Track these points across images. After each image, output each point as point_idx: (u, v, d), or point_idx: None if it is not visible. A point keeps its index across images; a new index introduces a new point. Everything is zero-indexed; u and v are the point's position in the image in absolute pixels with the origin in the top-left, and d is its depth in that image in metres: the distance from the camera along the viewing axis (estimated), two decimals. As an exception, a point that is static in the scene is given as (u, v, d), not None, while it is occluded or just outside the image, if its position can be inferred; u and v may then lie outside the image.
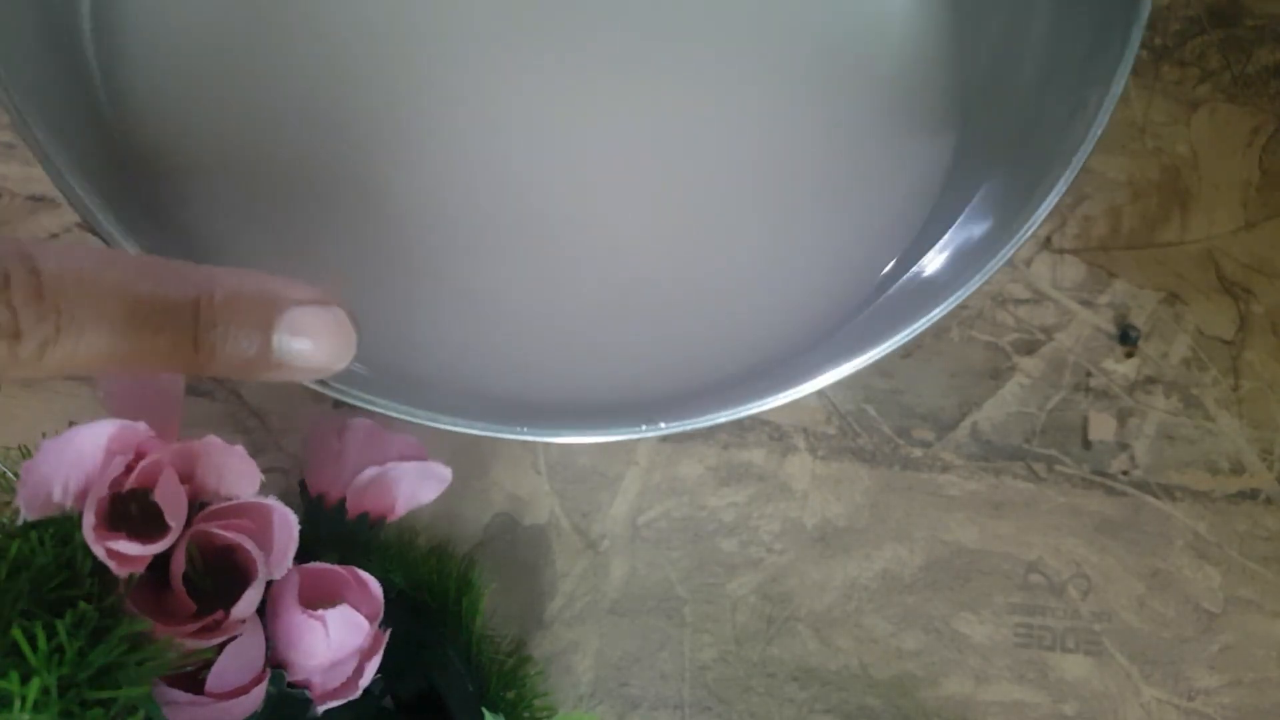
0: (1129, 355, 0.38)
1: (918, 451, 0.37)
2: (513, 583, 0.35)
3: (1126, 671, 0.36)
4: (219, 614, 0.24)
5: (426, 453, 0.30)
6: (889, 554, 0.36)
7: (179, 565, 0.25)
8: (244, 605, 0.24)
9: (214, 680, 0.24)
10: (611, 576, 0.36)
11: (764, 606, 0.36)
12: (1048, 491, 0.37)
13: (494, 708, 0.30)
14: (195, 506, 0.25)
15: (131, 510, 0.25)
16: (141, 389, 0.27)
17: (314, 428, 0.31)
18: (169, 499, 0.24)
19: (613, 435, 0.28)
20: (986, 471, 0.37)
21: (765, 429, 0.37)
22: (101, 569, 0.23)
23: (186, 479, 0.25)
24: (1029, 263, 0.38)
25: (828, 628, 0.36)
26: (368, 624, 0.26)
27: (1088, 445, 0.37)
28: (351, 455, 0.30)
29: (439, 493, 0.30)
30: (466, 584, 0.32)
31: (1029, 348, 0.37)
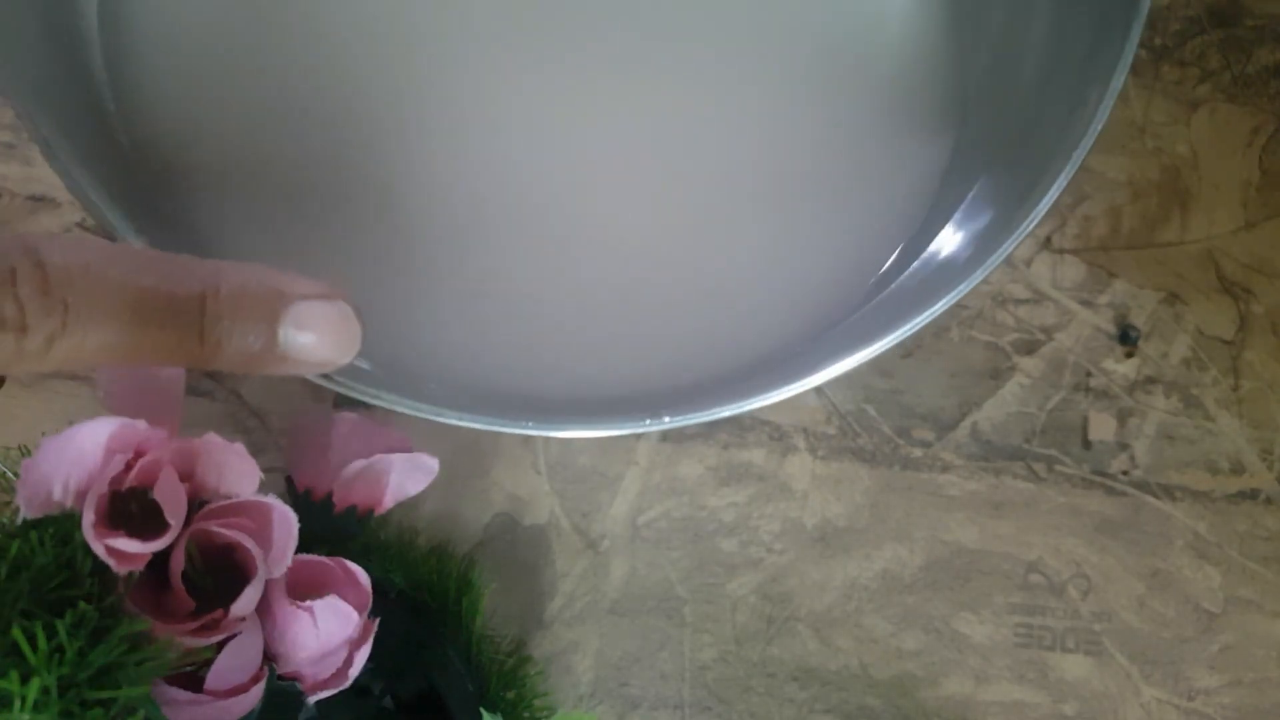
0: (1129, 355, 0.38)
1: (918, 451, 0.37)
2: (513, 583, 0.35)
3: (1126, 671, 0.36)
4: (218, 612, 0.24)
5: (412, 445, 0.30)
6: (889, 554, 0.36)
7: (178, 563, 0.25)
8: (243, 603, 0.24)
9: (213, 679, 0.24)
10: (611, 576, 0.36)
11: (764, 606, 0.36)
12: (1048, 491, 0.37)
13: (494, 708, 0.30)
14: (195, 505, 0.25)
15: (131, 509, 0.25)
16: (141, 387, 0.27)
17: (299, 422, 0.31)
18: (169, 497, 0.24)
19: (616, 429, 0.28)
20: (986, 471, 0.37)
21: (765, 429, 0.37)
22: (101, 568, 0.23)
23: (186, 477, 0.25)
24: (1029, 263, 0.38)
25: (828, 628, 0.36)
26: (356, 614, 0.26)
27: (1088, 445, 0.37)
28: (338, 448, 0.30)
29: (426, 484, 0.30)
30: (466, 584, 0.32)
31: (1029, 348, 0.37)
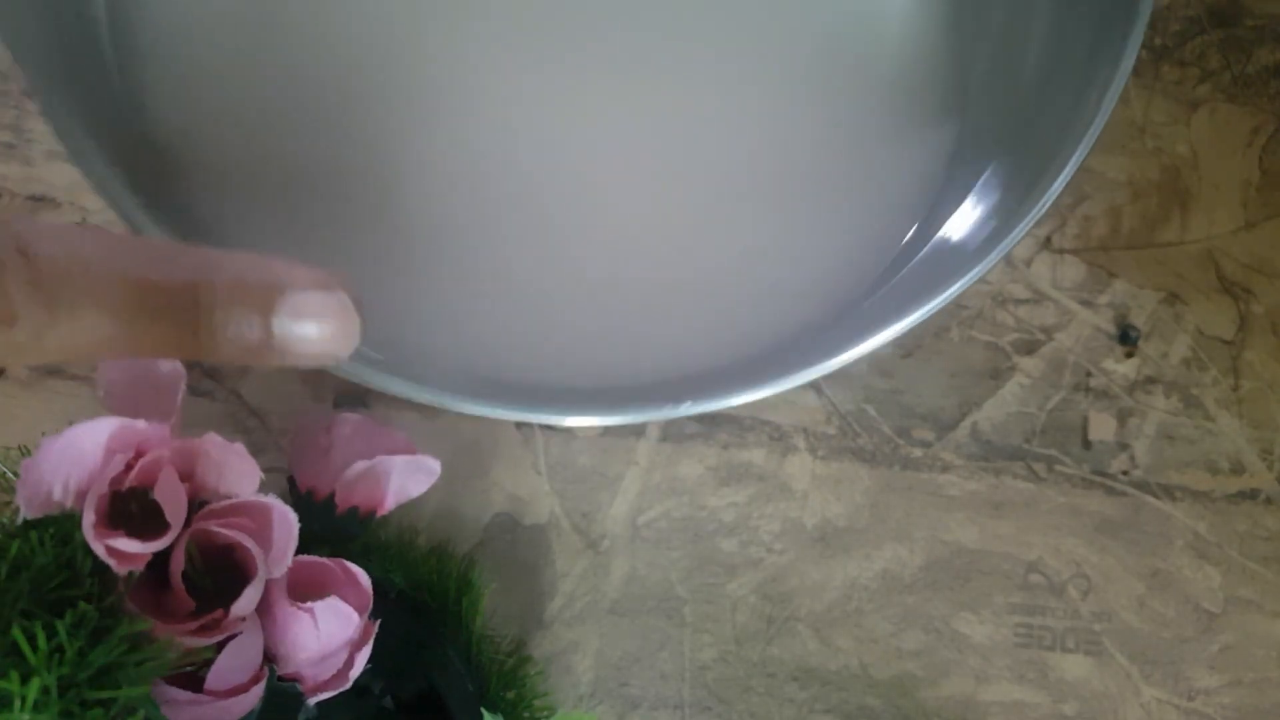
0: (1129, 355, 0.38)
1: (918, 451, 0.37)
2: (513, 583, 0.35)
3: (1126, 671, 0.36)
4: (218, 612, 0.24)
5: (415, 446, 0.30)
6: (889, 554, 0.36)
7: (178, 563, 0.25)
8: (243, 603, 0.24)
9: (213, 679, 0.24)
10: (611, 576, 0.36)
11: (764, 606, 0.36)
12: (1048, 491, 0.37)
13: (494, 708, 0.30)
14: (195, 505, 0.25)
15: (131, 508, 0.25)
16: (142, 387, 0.27)
17: (301, 423, 0.31)
18: (169, 497, 0.24)
19: (639, 416, 0.28)
20: (986, 471, 0.37)
21: (765, 429, 0.37)
22: (101, 569, 0.23)
23: (186, 477, 0.25)
24: (1029, 263, 0.38)
25: (828, 628, 0.36)
26: (357, 615, 0.26)
27: (1088, 445, 0.37)
28: (340, 450, 0.30)
29: (428, 486, 0.30)
30: (466, 584, 0.32)
31: (1029, 348, 0.37)
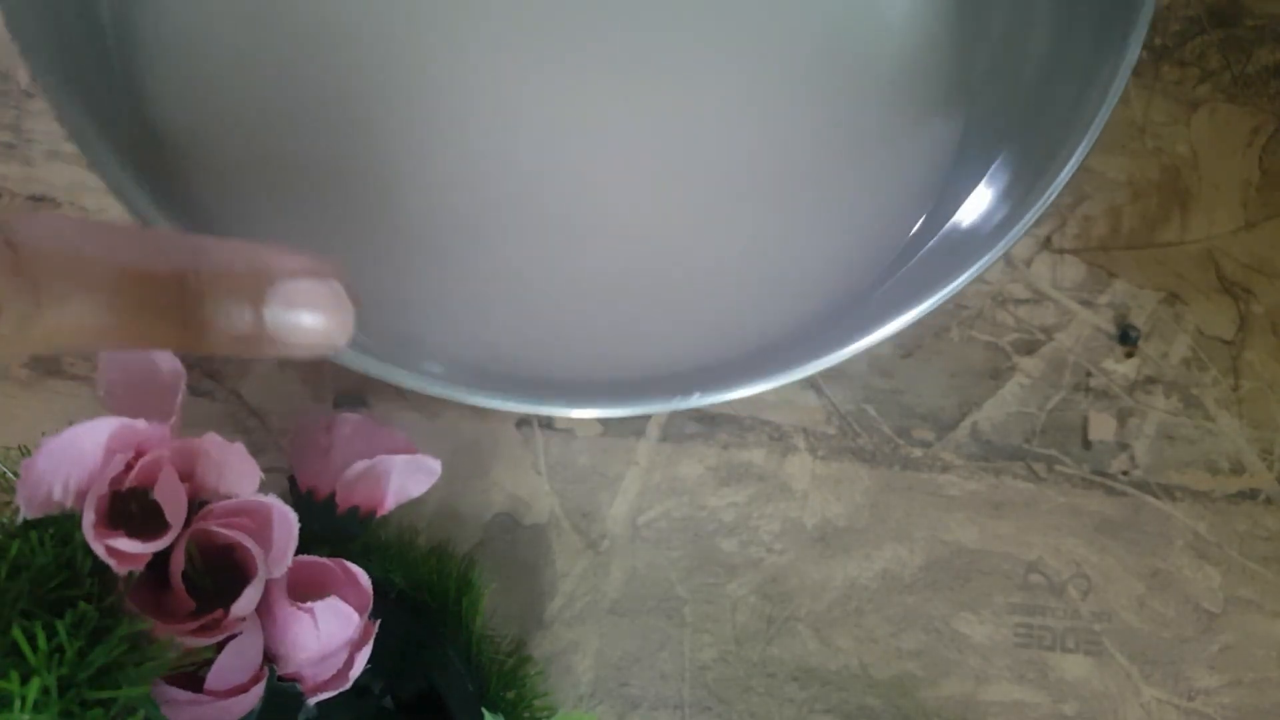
0: (1129, 355, 0.38)
1: (918, 451, 0.37)
2: (513, 583, 0.35)
3: (1126, 671, 0.36)
4: (218, 612, 0.24)
5: (415, 446, 0.30)
6: (889, 554, 0.36)
7: (178, 563, 0.25)
8: (243, 603, 0.24)
9: (213, 679, 0.24)
10: (611, 576, 0.36)
11: (764, 606, 0.36)
12: (1048, 491, 0.37)
13: (494, 708, 0.30)
14: (195, 505, 0.25)
15: (131, 508, 0.25)
16: (141, 387, 0.27)
17: (301, 423, 0.31)
18: (169, 497, 0.24)
19: (649, 407, 0.28)
20: (986, 471, 0.37)
21: (765, 429, 0.37)
22: (101, 569, 0.23)
23: (186, 477, 0.25)
24: (1029, 263, 0.38)
25: (828, 628, 0.36)
26: (357, 615, 0.26)
27: (1088, 445, 0.37)
28: (340, 450, 0.30)
29: (428, 486, 0.30)
30: (466, 584, 0.32)
31: (1029, 348, 0.37)
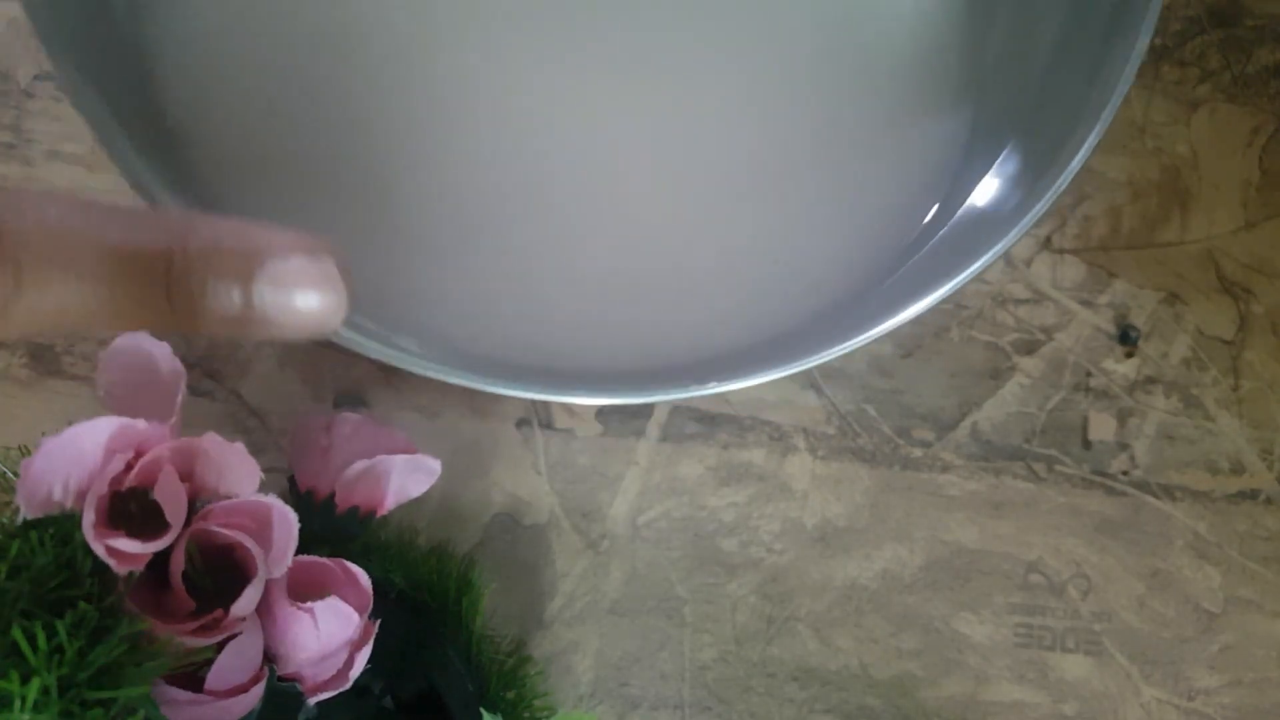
0: (1129, 355, 0.38)
1: (918, 451, 0.37)
2: (513, 583, 0.35)
3: (1126, 671, 0.36)
4: (218, 612, 0.24)
5: (415, 446, 0.30)
6: (889, 554, 0.36)
7: (178, 564, 0.25)
8: (243, 603, 0.24)
9: (213, 679, 0.24)
10: (611, 576, 0.36)
11: (764, 606, 0.36)
12: (1048, 491, 0.37)
13: (494, 708, 0.30)
14: (195, 505, 0.25)
15: (131, 508, 0.25)
16: (141, 387, 0.27)
17: (301, 423, 0.31)
18: (169, 497, 0.24)
19: (667, 395, 0.29)
20: (986, 471, 0.37)
21: (765, 429, 0.37)
22: (101, 569, 0.23)
23: (186, 477, 0.25)
24: (1029, 263, 0.38)
25: (828, 628, 0.36)
26: (357, 615, 0.26)
27: (1088, 445, 0.37)
28: (340, 449, 0.30)
29: (428, 486, 0.30)
30: (466, 584, 0.32)
31: (1029, 348, 0.37)
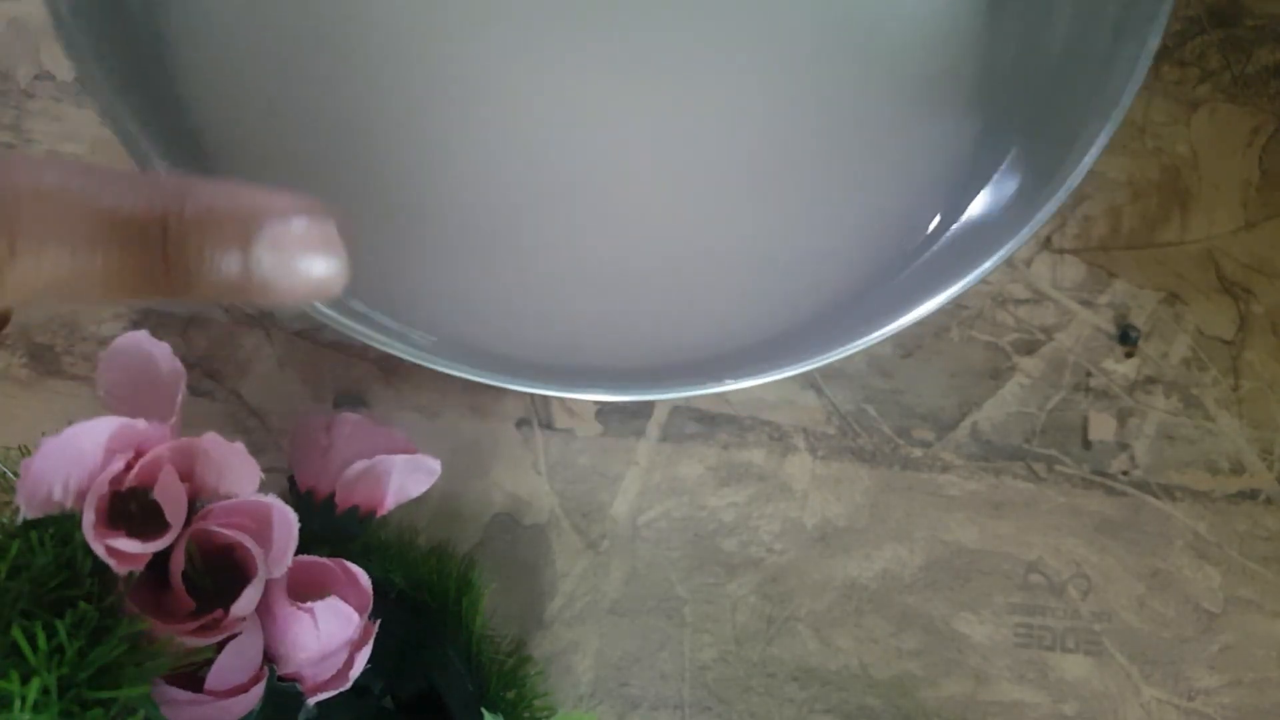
0: (1129, 355, 0.38)
1: (918, 451, 0.37)
2: (513, 583, 0.35)
3: (1126, 671, 0.36)
4: (218, 612, 0.24)
5: (415, 446, 0.30)
6: (889, 554, 0.36)
7: (178, 563, 0.25)
8: (243, 603, 0.24)
9: (213, 678, 0.24)
10: (611, 576, 0.36)
11: (764, 606, 0.36)
12: (1048, 491, 0.37)
13: (494, 708, 0.30)
14: (195, 505, 0.25)
15: (131, 508, 0.25)
16: (142, 386, 0.27)
17: (301, 423, 0.31)
18: (169, 497, 0.24)
19: (683, 391, 0.29)
20: (986, 471, 0.37)
21: (765, 429, 0.37)
22: (101, 569, 0.23)
23: (186, 477, 0.25)
24: (1029, 263, 0.38)
25: (828, 628, 0.36)
26: (357, 615, 0.26)
27: (1088, 445, 0.37)
28: (340, 449, 0.30)
29: (428, 486, 0.30)
30: (466, 584, 0.32)
31: (1029, 348, 0.37)
